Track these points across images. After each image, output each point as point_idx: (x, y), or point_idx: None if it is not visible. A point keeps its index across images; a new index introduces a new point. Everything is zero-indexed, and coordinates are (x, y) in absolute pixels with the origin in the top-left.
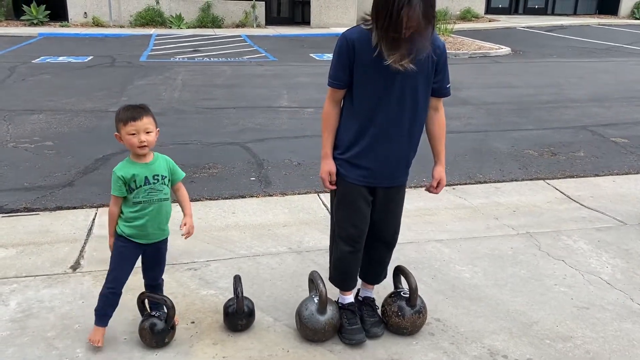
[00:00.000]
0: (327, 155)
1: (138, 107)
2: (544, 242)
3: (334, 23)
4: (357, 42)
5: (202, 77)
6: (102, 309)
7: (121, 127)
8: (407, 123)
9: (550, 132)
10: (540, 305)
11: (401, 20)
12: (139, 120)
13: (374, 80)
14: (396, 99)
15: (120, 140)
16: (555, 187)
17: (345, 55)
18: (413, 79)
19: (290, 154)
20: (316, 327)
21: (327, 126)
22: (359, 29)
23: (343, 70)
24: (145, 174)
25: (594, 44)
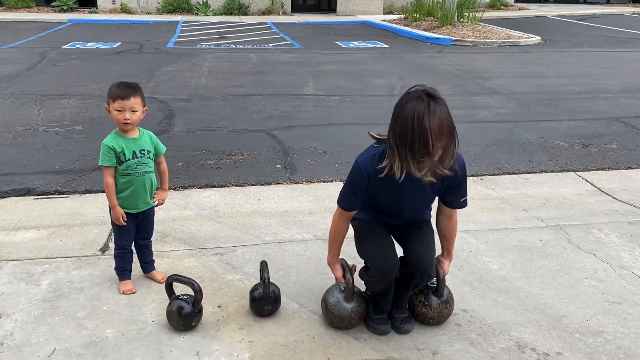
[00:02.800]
0: (332, 262)
1: (129, 86)
2: (574, 235)
3: (361, 10)
4: (371, 172)
5: (228, 64)
6: (121, 265)
7: (110, 102)
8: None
9: (582, 123)
10: (570, 299)
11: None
12: (127, 99)
13: (385, 195)
14: (406, 206)
15: (109, 113)
16: (586, 179)
17: (357, 184)
18: (423, 189)
19: (316, 142)
20: (342, 314)
21: (335, 241)
22: (371, 156)
23: (356, 196)
24: (133, 148)
25: (628, 34)
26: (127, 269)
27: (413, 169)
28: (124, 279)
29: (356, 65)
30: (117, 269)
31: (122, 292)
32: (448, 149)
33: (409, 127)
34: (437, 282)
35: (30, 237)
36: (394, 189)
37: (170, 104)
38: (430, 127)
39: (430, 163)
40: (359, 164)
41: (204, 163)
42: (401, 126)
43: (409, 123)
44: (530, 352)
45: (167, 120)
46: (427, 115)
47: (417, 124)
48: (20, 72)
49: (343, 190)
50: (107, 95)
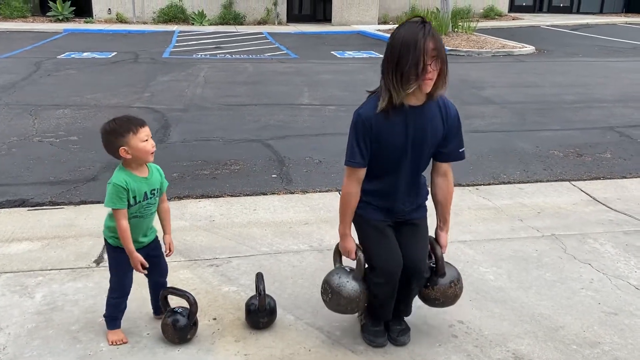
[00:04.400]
0: (345, 234)
1: (130, 116)
2: (569, 245)
3: (356, 21)
4: (373, 117)
5: (224, 74)
6: (112, 314)
7: (131, 137)
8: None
9: (576, 132)
10: (566, 310)
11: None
12: (146, 124)
13: (388, 142)
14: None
15: (127, 153)
16: (581, 189)
17: (361, 133)
18: (423, 141)
19: (312, 152)
20: (352, 295)
21: (347, 209)
22: (368, 103)
23: (363, 148)
24: (144, 189)
25: (621, 43)
26: (118, 317)
27: (403, 93)
28: (115, 327)
29: (351, 75)
30: (108, 316)
31: (111, 343)
32: (442, 71)
33: (404, 47)
34: (435, 261)
35: (24, 248)
36: (396, 132)
37: (166, 114)
38: (425, 46)
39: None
40: (359, 113)
41: (200, 173)
42: (395, 48)
43: (403, 44)
44: None
45: (162, 131)
46: (422, 36)
47: (412, 44)
48: (15, 82)
49: (348, 148)
50: (119, 135)
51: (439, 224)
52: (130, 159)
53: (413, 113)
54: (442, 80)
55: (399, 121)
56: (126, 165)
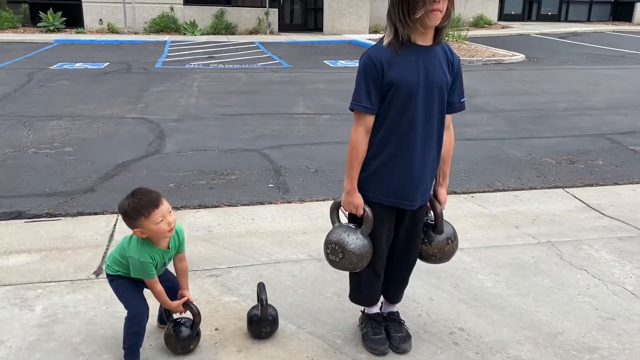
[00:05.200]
0: (352, 188)
1: (146, 192)
2: (565, 252)
3: (347, 30)
4: (382, 57)
5: (217, 83)
6: (136, 343)
7: (143, 221)
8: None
9: (568, 140)
10: (564, 316)
11: None
12: (161, 204)
13: (401, 88)
14: (421, 111)
15: (143, 233)
16: (574, 196)
17: (371, 75)
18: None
19: (308, 161)
20: (362, 251)
21: (355, 161)
22: (376, 44)
23: (373, 92)
24: (164, 260)
25: (609, 51)
26: (140, 345)
27: (410, 24)
28: (137, 358)
29: (345, 84)
30: (129, 348)
31: None
32: (449, 8)
33: None
34: (434, 218)
35: (22, 261)
36: (408, 68)
37: (160, 124)
38: None
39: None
40: (368, 54)
41: (196, 183)
42: None
43: None
44: None
45: (158, 141)
46: None
47: None
48: (8, 94)
49: (356, 91)
50: (131, 219)
51: (438, 180)
52: (149, 237)
53: (422, 52)
54: (448, 17)
55: (409, 58)
56: (147, 237)
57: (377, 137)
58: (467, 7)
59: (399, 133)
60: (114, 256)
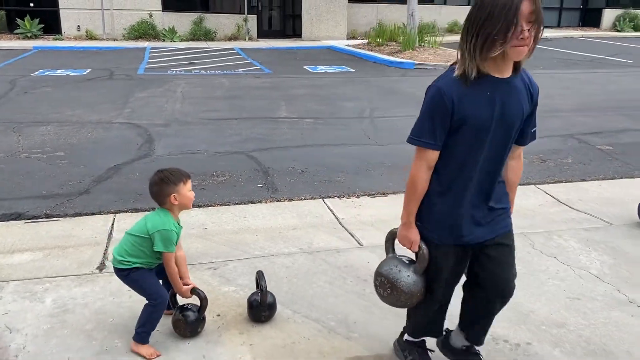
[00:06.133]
0: (409, 222)
1: (179, 169)
2: (537, 242)
3: (325, 36)
4: (455, 91)
5: (201, 89)
6: (152, 327)
7: (181, 186)
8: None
9: (540, 140)
10: (536, 297)
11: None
12: (190, 177)
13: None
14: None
15: (176, 200)
16: (545, 192)
17: (439, 112)
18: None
19: (294, 162)
20: (413, 290)
21: (414, 196)
22: (447, 75)
23: (439, 128)
24: (180, 233)
25: (579, 56)
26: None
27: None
28: (147, 342)
29: (326, 89)
30: (146, 332)
31: (150, 357)
32: (537, 38)
33: (495, 6)
34: None
35: (27, 259)
36: (482, 104)
37: (148, 128)
38: (521, 7)
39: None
40: (437, 86)
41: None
42: (484, 6)
43: (495, 3)
44: (504, 344)
45: (147, 145)
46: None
47: (506, 3)
48: None
49: (420, 125)
50: (170, 184)
51: None
52: (176, 205)
53: (500, 85)
54: (532, 49)
55: (483, 92)
56: (170, 211)
57: (439, 172)
58: (442, 14)
59: (464, 169)
60: (125, 249)
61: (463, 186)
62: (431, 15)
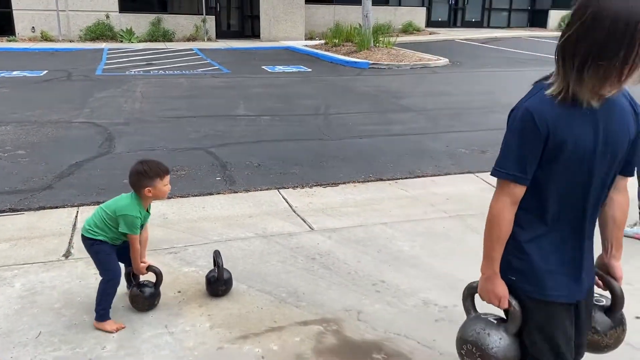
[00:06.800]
0: (493, 274)
1: (157, 161)
2: (471, 222)
3: (283, 36)
4: (549, 114)
5: (160, 89)
6: (108, 304)
7: (157, 181)
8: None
9: (481, 133)
10: (466, 268)
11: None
12: (169, 172)
13: (572, 158)
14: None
15: (149, 192)
16: (482, 179)
17: (530, 138)
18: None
19: (251, 157)
20: (507, 355)
21: (498, 240)
22: (538, 94)
23: (530, 156)
24: (145, 221)
25: (525, 55)
26: (110, 307)
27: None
28: (108, 318)
29: (283, 88)
30: (105, 309)
31: (116, 330)
32: None
33: (614, 25)
34: (612, 298)
35: None
36: (583, 132)
37: (108, 127)
38: None
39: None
40: (526, 107)
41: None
42: (599, 24)
43: (614, 21)
44: (434, 307)
45: (107, 143)
46: None
47: (630, 22)
48: None
49: (505, 153)
50: (147, 178)
51: (610, 251)
52: (150, 197)
53: (602, 106)
54: None
55: (583, 112)
56: (142, 199)
57: (529, 210)
58: (397, 15)
59: (560, 206)
60: (95, 222)
61: (558, 226)
62: (386, 16)
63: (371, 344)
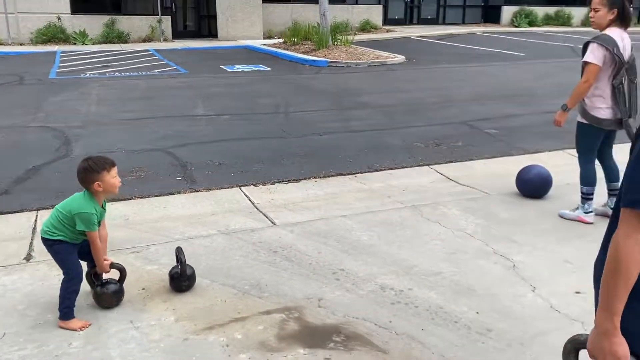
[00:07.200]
0: (615, 329)
1: (102, 156)
2: (425, 211)
3: (241, 35)
4: None
5: (116, 91)
6: (72, 302)
7: (105, 174)
8: None
9: (436, 127)
10: (420, 254)
11: None
12: (116, 164)
13: None
14: None
15: (99, 187)
16: (437, 171)
17: None
18: None
19: (212, 156)
20: None
21: (625, 283)
22: None
23: None
24: (102, 217)
25: (478, 50)
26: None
27: None
28: (73, 316)
29: (242, 87)
30: (68, 307)
31: (81, 329)
32: None
33: None
34: None
35: None
36: None
37: (65, 131)
38: None
39: None
40: None
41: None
42: None
43: None
44: (390, 291)
45: (65, 147)
46: None
47: None
48: None
49: (631, 180)
50: (94, 172)
51: None
52: (101, 191)
53: None
54: None
55: None
56: (95, 195)
57: None
58: (354, 13)
59: None
60: (52, 223)
61: None
62: (344, 14)
63: (331, 327)
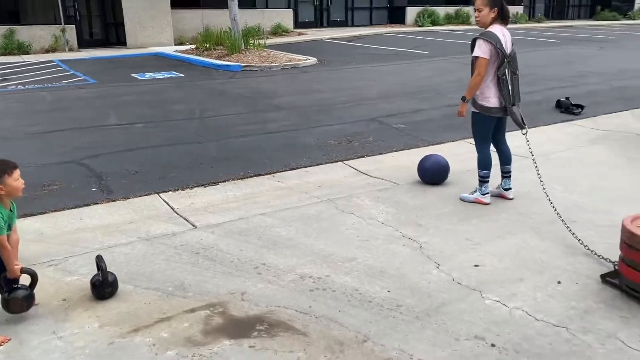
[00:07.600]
0: None
1: (4, 159)
2: (340, 204)
3: (151, 42)
4: None
5: (20, 104)
6: None
7: (7, 177)
8: None
9: (348, 125)
10: (335, 243)
11: None
12: (18, 167)
13: None
14: None
15: (2, 190)
16: (350, 166)
17: None
18: None
19: (127, 165)
20: None
21: None
22: None
23: None
24: (10, 221)
25: (386, 50)
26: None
27: None
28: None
29: (155, 95)
30: None
31: (1, 343)
32: None
33: None
34: None
35: None
36: None
37: None
38: None
39: None
40: None
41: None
42: None
43: None
44: (309, 279)
45: None
46: None
47: None
48: None
49: None
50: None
51: None
52: (3, 195)
53: None
54: None
55: None
56: None
57: None
58: (266, 17)
59: None
60: None
61: None
62: (255, 19)
63: (255, 318)
